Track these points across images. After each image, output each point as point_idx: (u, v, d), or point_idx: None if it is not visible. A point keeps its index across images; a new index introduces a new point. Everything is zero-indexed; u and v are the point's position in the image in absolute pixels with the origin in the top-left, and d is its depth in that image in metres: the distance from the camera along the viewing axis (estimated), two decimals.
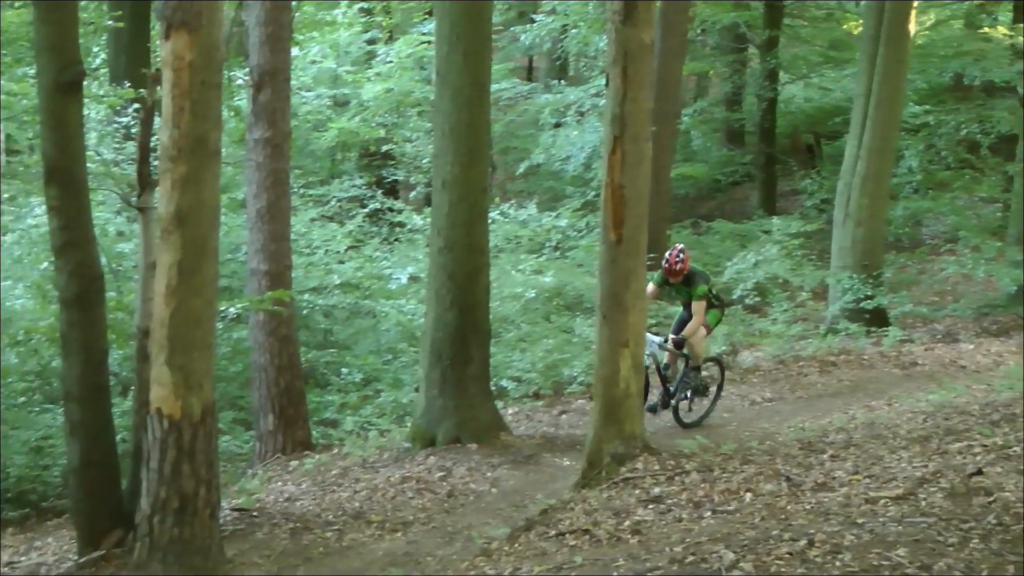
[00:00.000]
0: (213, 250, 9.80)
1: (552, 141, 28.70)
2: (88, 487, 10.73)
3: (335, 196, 24.88)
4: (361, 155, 28.60)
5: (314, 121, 26.31)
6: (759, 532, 7.10)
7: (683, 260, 13.44)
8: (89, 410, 10.80)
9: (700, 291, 13.59)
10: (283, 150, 15.47)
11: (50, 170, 10.55)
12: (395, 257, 22.66)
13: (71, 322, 10.80)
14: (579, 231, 24.41)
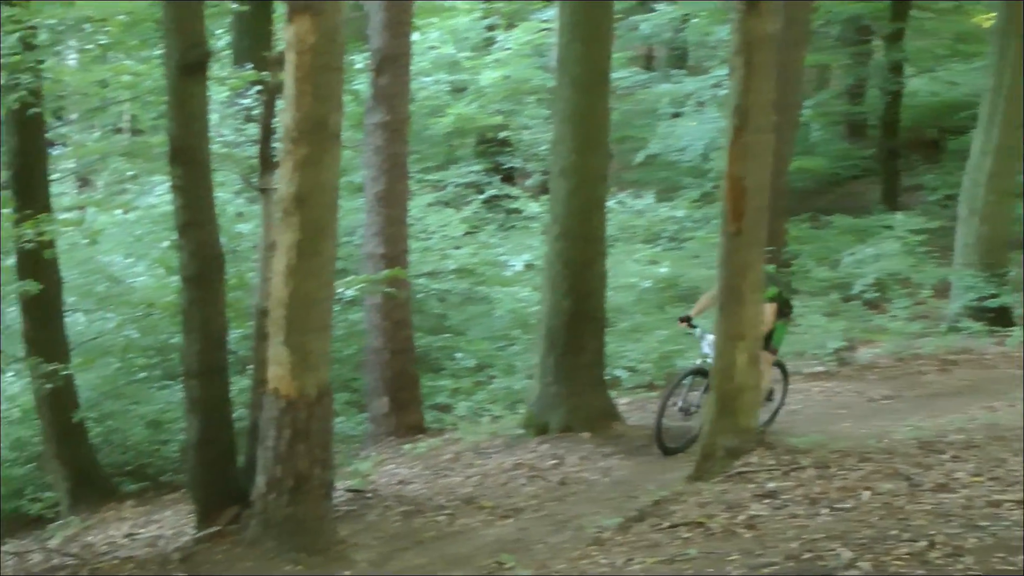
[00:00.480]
0: (332, 232, 9.90)
1: (670, 131, 28.48)
2: (205, 463, 10.90)
3: (452, 181, 24.93)
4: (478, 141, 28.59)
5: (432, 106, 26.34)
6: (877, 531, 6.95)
7: None
8: (208, 387, 10.97)
9: (770, 293, 12.19)
10: (402, 134, 15.55)
11: (174, 150, 10.72)
12: (510, 244, 22.65)
13: (191, 300, 10.97)
14: (695, 222, 24.21)
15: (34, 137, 14.24)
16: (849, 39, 31.33)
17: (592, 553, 8.30)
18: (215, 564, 9.84)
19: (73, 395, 14.84)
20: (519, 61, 27.09)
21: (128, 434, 16.17)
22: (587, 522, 9.94)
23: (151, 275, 18.69)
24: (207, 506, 10.93)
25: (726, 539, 7.66)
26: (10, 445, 16.23)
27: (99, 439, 15.92)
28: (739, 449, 9.73)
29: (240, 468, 11.08)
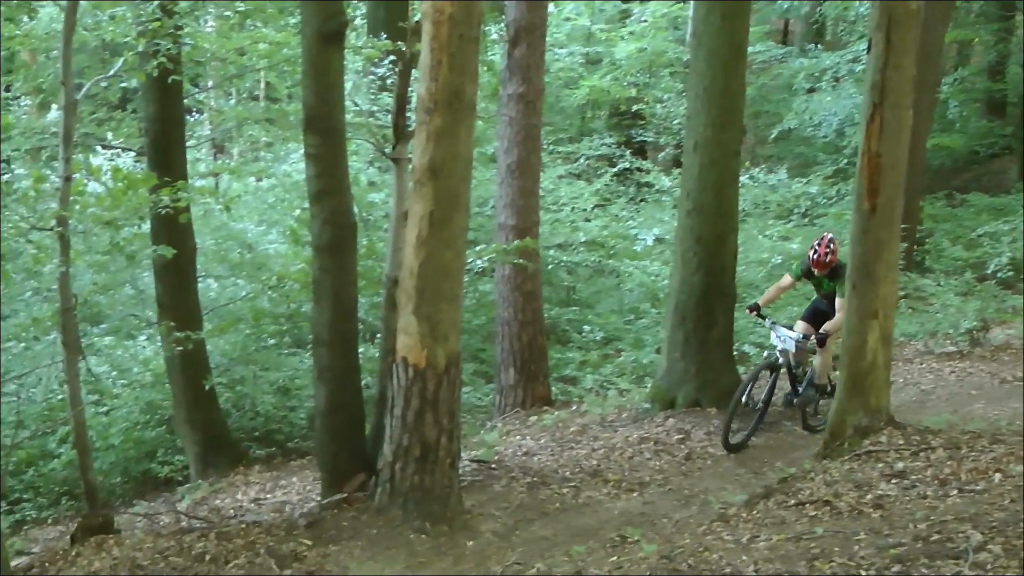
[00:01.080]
0: (464, 203, 9.87)
1: (805, 106, 28.03)
2: (333, 431, 10.95)
3: (584, 154, 24.85)
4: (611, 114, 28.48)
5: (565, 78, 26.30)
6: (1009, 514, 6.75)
7: (833, 251, 12.06)
8: (337, 355, 11.01)
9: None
10: (536, 106, 15.49)
11: (309, 118, 10.75)
12: (641, 218, 22.55)
13: (323, 268, 11.01)
14: (829, 199, 23.86)
15: (172, 104, 14.42)
16: (992, 15, 30.51)
17: (717, 529, 8.20)
18: (341, 531, 9.88)
19: (204, 360, 15.05)
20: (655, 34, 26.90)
21: (257, 400, 16.38)
22: (713, 498, 9.87)
23: (283, 243, 18.89)
24: (334, 473, 10.99)
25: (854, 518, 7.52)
26: (142, 408, 16.55)
27: (229, 404, 16.15)
28: (868, 428, 9.53)
29: (367, 436, 11.13)
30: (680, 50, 25.74)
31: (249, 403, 16.41)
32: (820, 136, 27.47)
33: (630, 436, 12.70)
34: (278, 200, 20.08)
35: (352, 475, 10.80)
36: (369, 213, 18.05)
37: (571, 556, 8.37)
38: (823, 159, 27.03)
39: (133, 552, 9.71)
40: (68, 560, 9.98)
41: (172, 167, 13.55)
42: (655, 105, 27.24)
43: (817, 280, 12.50)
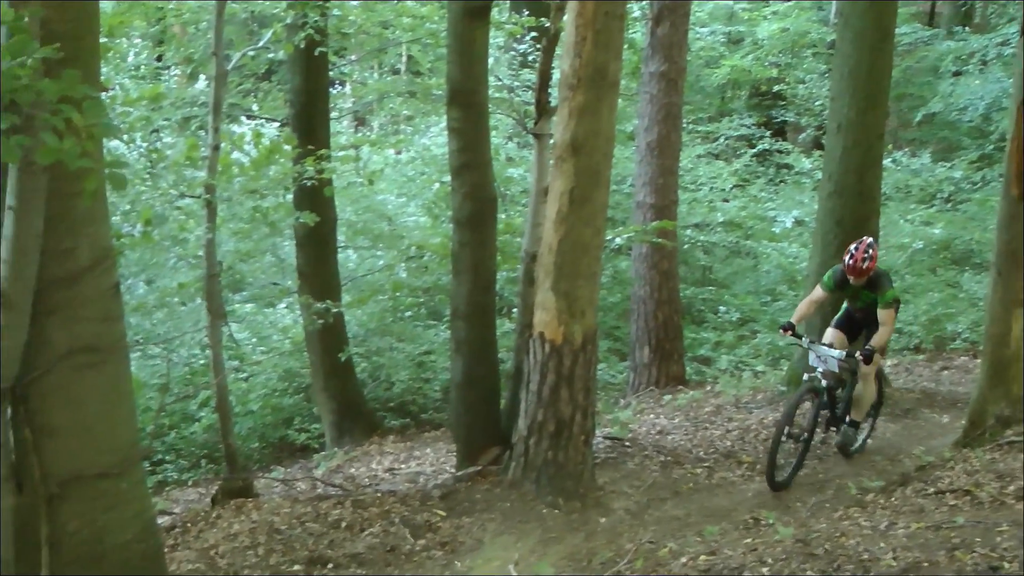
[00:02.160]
0: (605, 180, 9.84)
1: (951, 90, 27.40)
2: (469, 404, 11.03)
3: (723, 134, 24.64)
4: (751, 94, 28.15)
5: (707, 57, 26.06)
6: None
7: (871, 256, 10.39)
8: (475, 328, 11.07)
9: (890, 295, 10.51)
10: (677, 85, 15.43)
11: (453, 92, 10.80)
12: (780, 199, 22.31)
13: (463, 242, 11.07)
14: (974, 184, 23.31)
15: (318, 76, 14.59)
16: None
17: (853, 514, 8.12)
18: (474, 503, 9.97)
19: (342, 330, 15.24)
20: (798, 14, 26.48)
21: (393, 371, 16.56)
22: (851, 483, 9.72)
23: (422, 215, 19.03)
24: (468, 446, 11.08)
25: (995, 509, 7.38)
26: (280, 376, 16.85)
27: (365, 375, 16.35)
28: (1011, 418, 9.32)
29: (502, 410, 11.19)
30: (824, 31, 25.32)
31: (385, 374, 16.60)
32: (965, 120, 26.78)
33: (765, 418, 12.60)
34: (417, 173, 20.23)
35: (486, 448, 10.87)
36: (507, 188, 18.11)
37: (704, 536, 8.33)
38: (968, 144, 26.38)
39: (271, 516, 9.91)
40: (209, 522, 10.21)
41: (315, 138, 13.69)
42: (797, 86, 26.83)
43: (854, 291, 10.75)
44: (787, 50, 26.84)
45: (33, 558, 5.73)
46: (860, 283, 10.50)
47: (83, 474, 5.82)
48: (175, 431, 15.98)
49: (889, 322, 10.52)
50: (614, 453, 11.42)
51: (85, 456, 5.85)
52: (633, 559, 7.41)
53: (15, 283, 5.40)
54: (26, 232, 5.32)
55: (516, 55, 17.62)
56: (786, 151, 24.33)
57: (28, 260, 5.40)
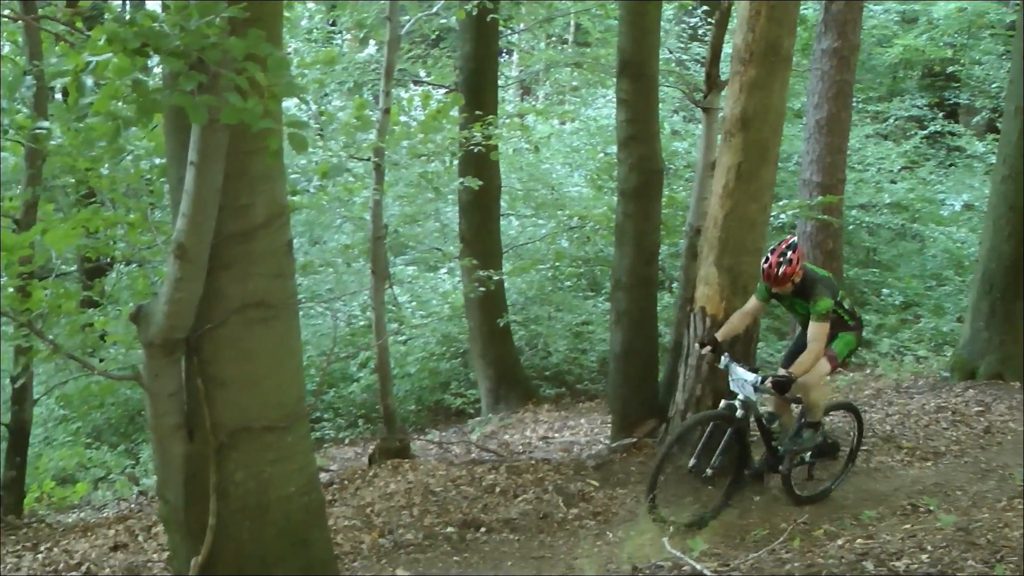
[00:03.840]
0: (773, 156, 9.73)
1: None
2: (627, 375, 11.02)
3: (893, 114, 24.07)
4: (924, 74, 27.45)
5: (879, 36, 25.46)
6: None
7: (791, 261, 8.53)
8: (635, 300, 11.06)
9: (822, 306, 8.53)
10: (850, 62, 15.17)
11: (624, 63, 10.77)
12: (950, 182, 21.76)
13: (627, 213, 11.05)
14: None
15: (488, 42, 14.67)
16: None
17: (1018, 505, 7.92)
18: (628, 475, 9.98)
19: (502, 298, 15.33)
20: None
21: (550, 340, 16.61)
22: (1016, 473, 9.47)
23: (585, 186, 19.01)
24: (624, 417, 11.08)
25: None
26: (438, 340, 17.02)
27: (522, 342, 16.44)
28: None
29: (660, 383, 11.16)
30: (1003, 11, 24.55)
31: (542, 343, 16.67)
32: None
33: (926, 404, 12.32)
34: (582, 144, 20.21)
35: (642, 421, 10.87)
36: (671, 162, 17.99)
37: (860, 520, 8.21)
38: None
39: (427, 477, 10.03)
40: (366, 480, 10.38)
41: (483, 105, 13.77)
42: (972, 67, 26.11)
43: (789, 301, 9.02)
44: (963, 30, 26.08)
45: (202, 505, 5.88)
46: (786, 291, 8.73)
47: (251, 426, 5.95)
48: (334, 390, 16.27)
49: (818, 339, 8.52)
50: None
51: (253, 409, 5.98)
52: (788, 538, 7.33)
53: (193, 237, 5.54)
54: (206, 187, 5.44)
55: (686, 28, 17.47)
56: (958, 134, 23.67)
57: (206, 215, 5.53)
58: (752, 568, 6.69)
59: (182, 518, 5.98)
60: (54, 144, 8.73)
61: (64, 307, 7.94)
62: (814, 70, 15.29)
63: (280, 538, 6.06)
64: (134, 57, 4.72)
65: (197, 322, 5.80)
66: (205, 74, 4.81)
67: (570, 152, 20.29)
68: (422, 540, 8.64)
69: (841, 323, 8.86)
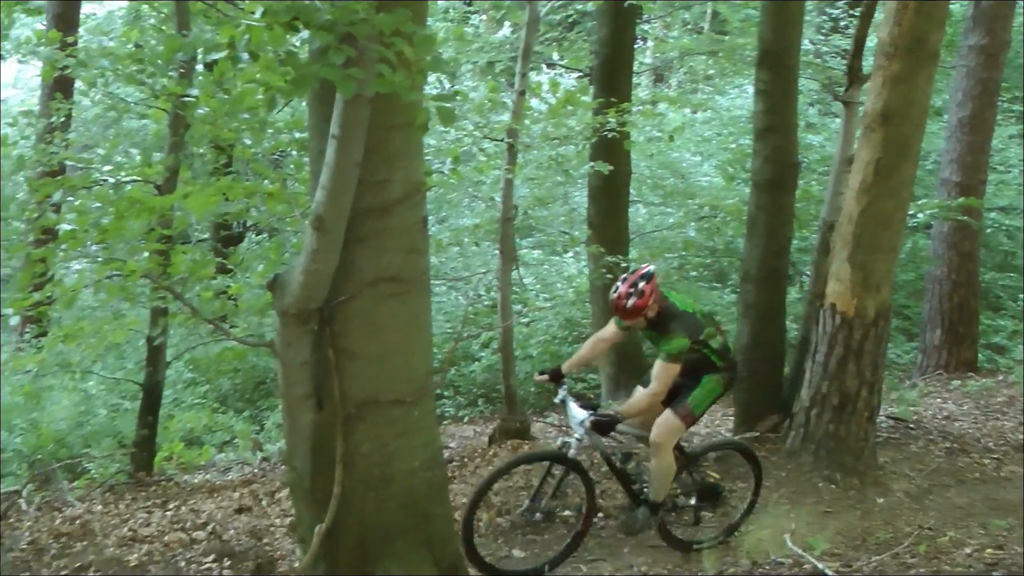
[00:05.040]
0: (914, 152, 9.55)
1: None
2: (752, 368, 10.91)
3: None
4: None
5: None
6: None
7: (642, 293, 7.38)
8: (764, 293, 10.97)
9: (673, 345, 7.37)
10: (997, 60, 14.84)
11: (764, 53, 10.67)
12: None
13: (759, 205, 10.96)
14: None
15: (625, 28, 14.56)
16: None
17: None
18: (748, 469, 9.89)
19: None
20: None
21: None
22: None
23: (716, 176, 18.87)
24: (748, 410, 11.01)
25: None
26: (560, 324, 17.02)
27: None
28: None
29: (785, 378, 11.06)
30: None
31: None
32: None
33: None
34: (714, 133, 20.05)
35: (766, 415, 10.79)
36: (805, 155, 17.77)
37: (988, 529, 8.07)
38: None
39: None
40: (485, 459, 10.45)
41: (617, 91, 13.68)
42: None
43: (644, 334, 8.01)
44: None
45: (327, 474, 5.96)
46: (639, 325, 7.65)
47: (379, 399, 6.02)
48: (455, 369, 16.36)
49: (659, 379, 7.40)
50: (897, 434, 11.13)
51: (382, 382, 6.04)
52: (914, 544, 7.22)
53: (331, 209, 5.61)
54: (346, 161, 5.51)
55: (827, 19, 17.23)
56: None
57: (345, 188, 5.59)
58: (875, 571, 6.63)
59: (308, 486, 6.08)
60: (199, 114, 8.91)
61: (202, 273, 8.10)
62: (959, 67, 14.99)
63: (402, 511, 6.13)
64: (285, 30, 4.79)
65: (331, 294, 5.88)
66: (353, 48, 4.86)
67: (701, 141, 20.14)
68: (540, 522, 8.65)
69: (707, 363, 7.66)
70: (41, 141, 12.85)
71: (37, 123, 14.30)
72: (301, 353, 5.97)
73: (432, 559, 6.15)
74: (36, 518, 9.82)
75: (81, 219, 7.46)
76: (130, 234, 7.80)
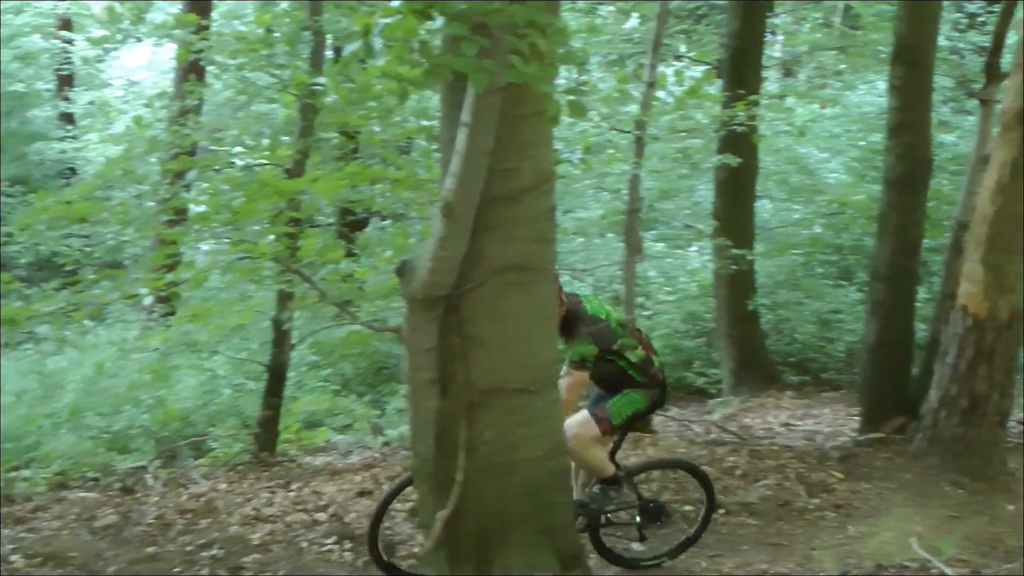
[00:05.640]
0: None
1: None
2: (879, 368, 10.79)
3: None
4: None
5: None
6: None
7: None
8: (893, 292, 10.82)
9: (577, 351, 6.95)
10: None
11: (900, 48, 10.52)
12: None
13: (890, 203, 10.80)
14: None
15: (755, 21, 14.48)
16: None
17: None
18: (873, 470, 9.76)
19: (751, 280, 15.13)
20: None
21: (797, 327, 16.35)
22: None
23: (843, 173, 18.60)
24: (873, 411, 10.87)
25: None
26: (683, 318, 16.93)
27: (768, 326, 16.20)
28: None
29: (913, 379, 10.88)
30: None
31: (789, 328, 16.42)
32: None
33: None
34: (843, 130, 19.75)
35: (891, 416, 10.63)
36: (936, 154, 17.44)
37: None
38: None
39: (667, 454, 10.01)
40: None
41: (746, 84, 13.57)
42: None
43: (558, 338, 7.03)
44: None
45: (450, 460, 5.98)
46: None
47: (503, 387, 6.02)
48: None
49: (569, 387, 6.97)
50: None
51: (506, 370, 6.05)
52: None
53: (461, 197, 5.62)
54: (476, 149, 5.52)
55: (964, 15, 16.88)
56: None
57: (475, 176, 5.61)
58: None
59: (431, 471, 6.11)
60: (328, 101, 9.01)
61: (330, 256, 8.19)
62: None
63: (523, 499, 6.12)
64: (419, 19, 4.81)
65: (458, 281, 5.89)
66: (487, 39, 4.87)
67: (829, 137, 19.83)
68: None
69: (624, 378, 7.10)
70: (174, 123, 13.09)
71: (171, 105, 14.55)
72: (427, 339, 6.00)
73: (552, 548, 6.14)
74: (162, 494, 10.03)
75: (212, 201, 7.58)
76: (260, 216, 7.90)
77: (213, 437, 12.30)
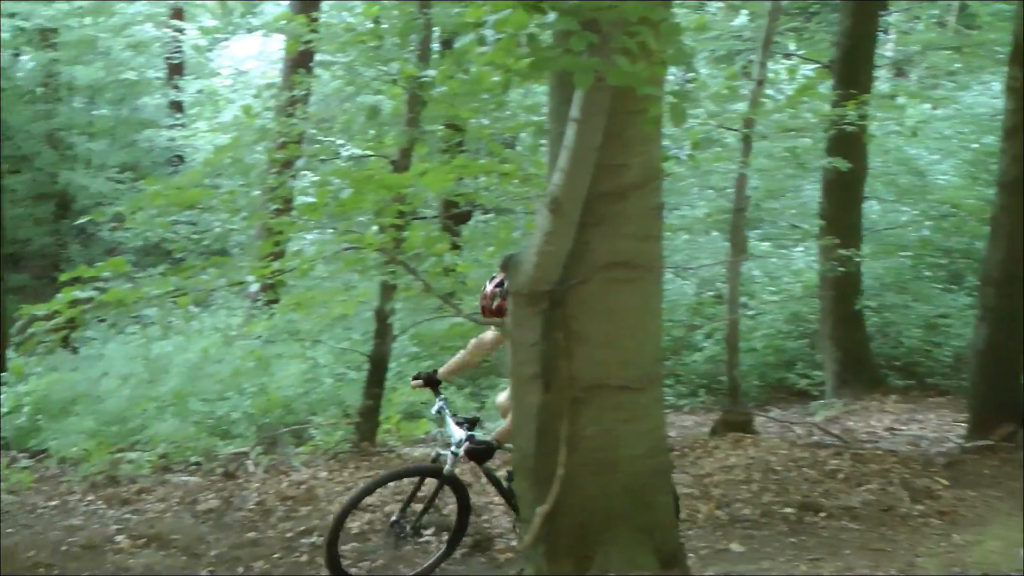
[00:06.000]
0: None
1: None
2: (988, 374, 10.60)
3: None
4: None
5: None
6: None
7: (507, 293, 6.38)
8: (1005, 298, 10.61)
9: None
10: None
11: (1018, 49, 10.32)
12: None
13: (1003, 206, 10.61)
14: None
15: (868, 19, 14.29)
16: None
17: None
18: (980, 477, 9.60)
19: (857, 281, 14.93)
20: None
21: (903, 330, 16.12)
22: None
23: (955, 175, 18.29)
24: (981, 417, 10.67)
25: None
26: (786, 318, 16.77)
27: (873, 329, 15.98)
28: None
29: (1022, 386, 10.67)
30: None
31: (895, 331, 16.18)
32: None
33: None
34: (955, 131, 19.41)
35: (1000, 423, 10.44)
36: None
37: None
38: None
39: (768, 455, 9.94)
40: (706, 450, 10.38)
41: (857, 83, 13.39)
42: None
43: None
44: None
45: (552, 455, 5.96)
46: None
47: (606, 383, 5.99)
48: (676, 357, 16.24)
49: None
50: None
51: (610, 367, 6.02)
52: None
53: (568, 192, 5.61)
54: (585, 144, 5.50)
55: None
56: None
57: (583, 171, 5.59)
58: None
59: (532, 466, 6.10)
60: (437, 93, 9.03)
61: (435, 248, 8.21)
62: None
63: (624, 496, 6.09)
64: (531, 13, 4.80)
65: (563, 276, 5.88)
66: (596, 34, 4.85)
67: (940, 139, 19.50)
68: (759, 517, 8.61)
69: None
70: (282, 113, 13.23)
71: (279, 95, 14.71)
72: (531, 334, 5.99)
73: (652, 546, 6.10)
74: (263, 480, 10.15)
75: (321, 192, 7.62)
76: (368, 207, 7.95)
77: (314, 425, 12.41)
